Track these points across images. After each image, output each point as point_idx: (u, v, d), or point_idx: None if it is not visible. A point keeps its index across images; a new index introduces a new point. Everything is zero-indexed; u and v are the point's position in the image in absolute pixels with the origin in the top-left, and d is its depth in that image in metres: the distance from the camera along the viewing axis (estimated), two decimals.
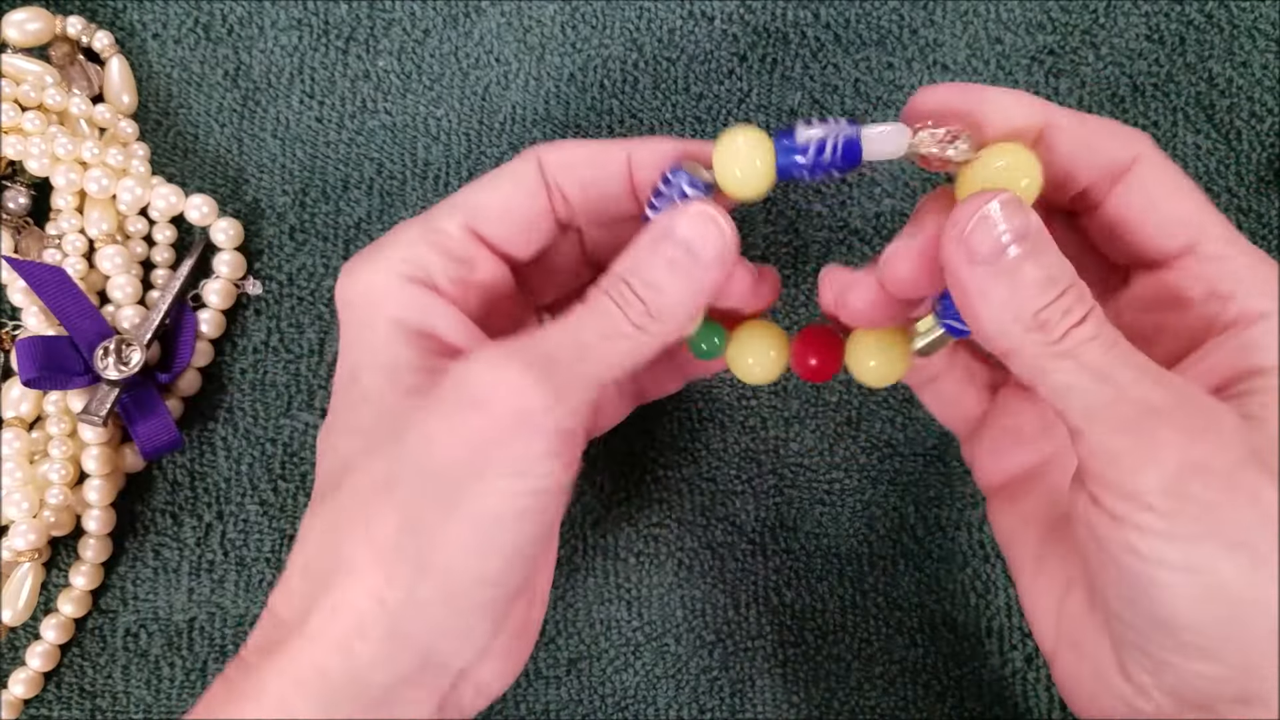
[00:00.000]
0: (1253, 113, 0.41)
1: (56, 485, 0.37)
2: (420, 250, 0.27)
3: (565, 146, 0.29)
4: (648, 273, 0.26)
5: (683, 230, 0.26)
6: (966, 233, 0.24)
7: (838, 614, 0.39)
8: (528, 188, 0.28)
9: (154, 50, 0.41)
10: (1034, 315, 0.24)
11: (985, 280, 0.24)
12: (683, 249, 0.26)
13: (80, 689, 0.38)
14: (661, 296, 0.26)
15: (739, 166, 0.26)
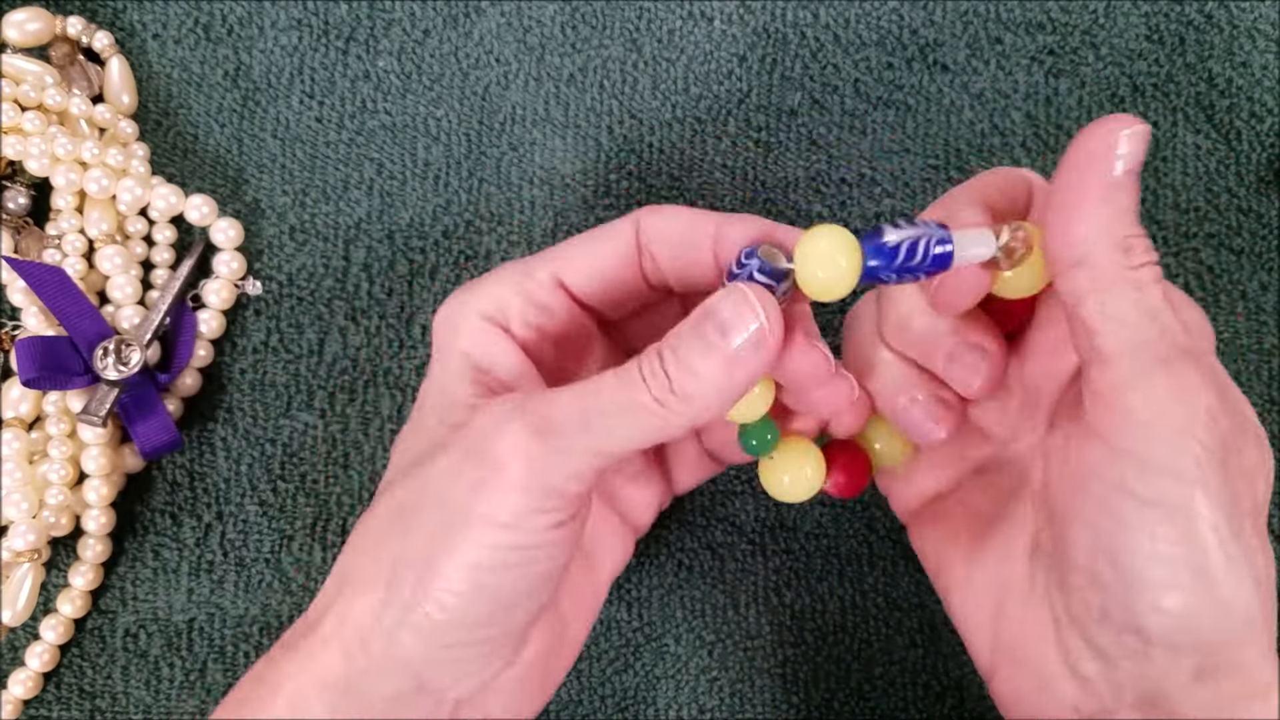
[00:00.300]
0: (1252, 113, 0.41)
1: (56, 485, 0.37)
2: (505, 292, 0.29)
3: (665, 212, 0.29)
4: (683, 350, 0.25)
5: (723, 311, 0.25)
6: (1119, 145, 0.24)
7: (837, 614, 0.39)
8: (620, 247, 0.29)
9: (154, 50, 0.41)
10: (1124, 236, 0.24)
11: (1097, 189, 0.24)
12: (719, 331, 0.25)
13: (80, 689, 0.38)
14: (690, 378, 0.25)
15: (822, 269, 0.26)
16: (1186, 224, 0.40)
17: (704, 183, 0.41)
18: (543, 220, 0.41)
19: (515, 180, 0.41)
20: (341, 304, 0.40)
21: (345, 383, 0.40)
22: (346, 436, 0.39)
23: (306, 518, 0.39)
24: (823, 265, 0.26)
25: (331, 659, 0.27)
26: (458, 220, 0.41)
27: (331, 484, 0.39)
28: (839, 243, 0.25)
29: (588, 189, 0.41)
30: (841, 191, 0.41)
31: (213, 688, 0.38)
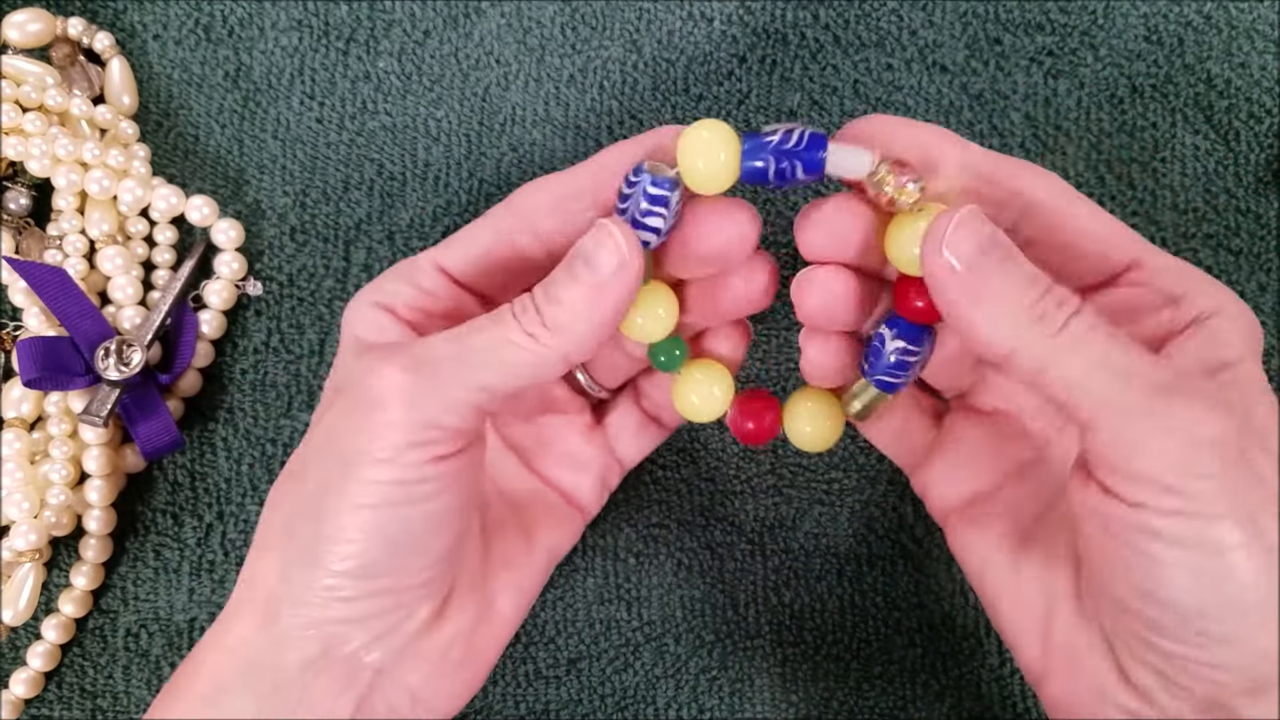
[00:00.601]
0: (1251, 114, 0.41)
1: (57, 485, 0.37)
2: (394, 283, 0.30)
3: (531, 189, 0.29)
4: (551, 286, 0.27)
5: (585, 245, 0.27)
6: (947, 239, 0.25)
7: (836, 614, 0.39)
8: (495, 229, 0.30)
9: (155, 51, 0.42)
10: (1030, 307, 0.24)
11: (975, 282, 0.24)
12: (583, 262, 0.26)
13: (81, 689, 0.38)
14: (559, 310, 0.26)
15: (702, 159, 0.27)
16: (1185, 225, 0.41)
17: None
18: None
19: (515, 181, 0.41)
20: (342, 304, 0.40)
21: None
22: None
23: None
24: (702, 155, 0.26)
25: (244, 629, 0.27)
26: (458, 221, 0.41)
27: None
28: (719, 134, 0.26)
29: None
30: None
31: None
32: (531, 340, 0.26)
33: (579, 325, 0.26)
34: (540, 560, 0.33)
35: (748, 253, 0.29)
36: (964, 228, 0.25)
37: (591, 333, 0.27)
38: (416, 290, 0.30)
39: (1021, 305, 0.24)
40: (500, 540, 0.32)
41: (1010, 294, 0.24)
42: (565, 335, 0.26)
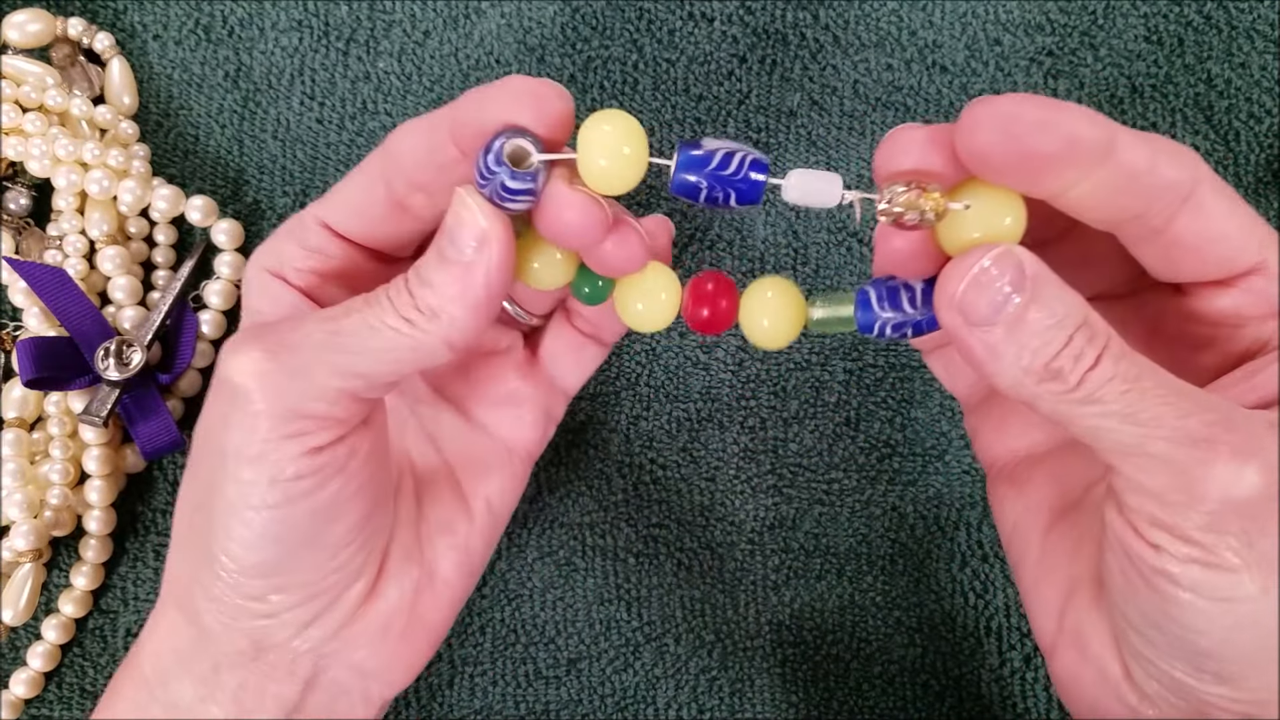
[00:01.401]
0: (1251, 114, 0.41)
1: (57, 485, 0.37)
2: (283, 243, 0.28)
3: (403, 131, 0.27)
4: (423, 268, 0.25)
5: (448, 222, 0.25)
6: (959, 297, 0.23)
7: (836, 613, 0.39)
8: (368, 177, 0.28)
9: (155, 51, 0.42)
10: (1045, 366, 0.23)
11: (989, 340, 0.23)
12: (448, 241, 0.24)
13: (81, 689, 0.38)
14: (429, 292, 0.24)
15: (604, 155, 0.24)
16: None
17: None
18: None
19: None
20: None
21: None
22: None
23: None
24: (605, 152, 0.24)
25: (172, 623, 0.27)
26: None
27: None
28: (626, 129, 0.24)
29: None
30: None
31: None
32: (409, 325, 0.25)
33: (453, 308, 0.24)
34: (482, 518, 0.31)
35: (603, 234, 0.25)
36: (976, 287, 0.23)
37: (469, 315, 0.25)
38: (304, 250, 0.28)
39: (1035, 365, 0.23)
40: (435, 503, 0.31)
41: (1025, 353, 0.23)
42: (442, 320, 0.25)
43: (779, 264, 0.40)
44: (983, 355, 0.23)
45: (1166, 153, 0.24)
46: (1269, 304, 0.25)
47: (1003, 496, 0.30)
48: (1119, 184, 0.24)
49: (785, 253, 0.40)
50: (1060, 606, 0.28)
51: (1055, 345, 0.23)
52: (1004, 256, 0.23)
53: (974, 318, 0.23)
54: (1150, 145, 0.24)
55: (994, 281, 0.23)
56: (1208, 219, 0.25)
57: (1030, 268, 0.23)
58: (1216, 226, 0.25)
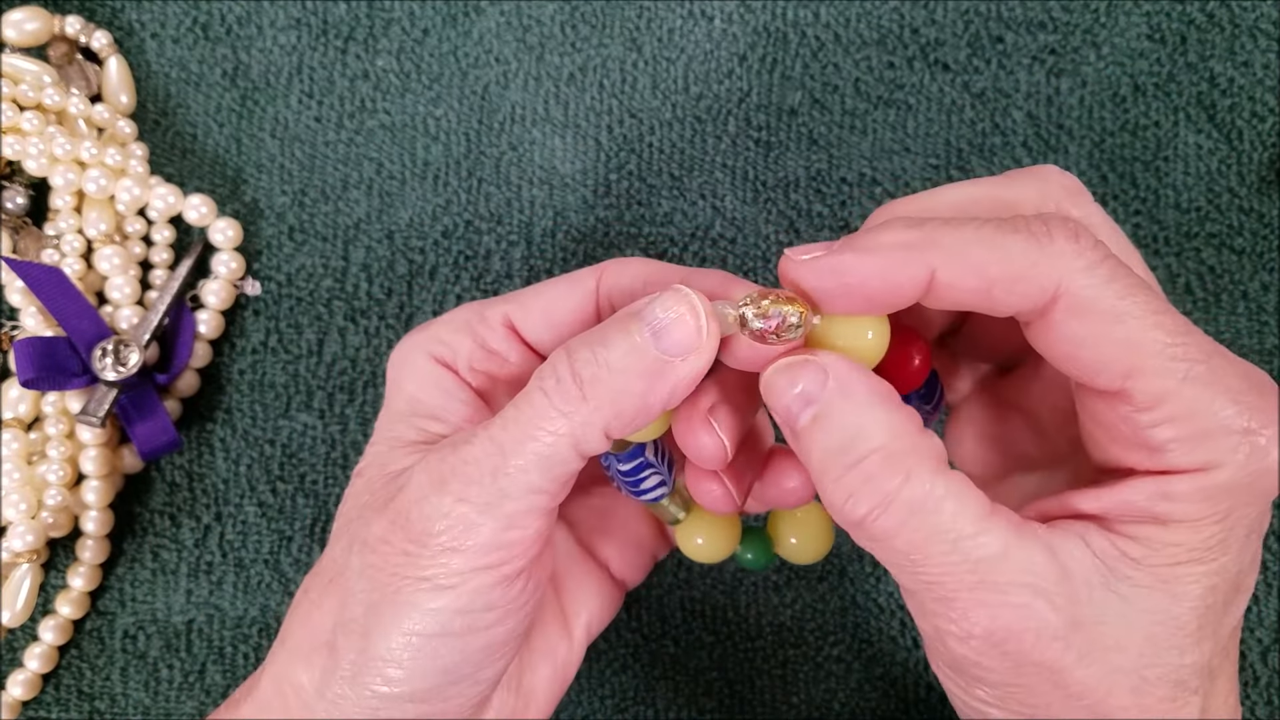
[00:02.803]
0: (1254, 112, 0.41)
1: (55, 486, 0.37)
2: (456, 335, 0.27)
3: (630, 264, 0.27)
4: (598, 345, 0.23)
5: (652, 307, 0.23)
6: (770, 394, 0.23)
7: (838, 614, 0.39)
8: (577, 296, 0.27)
9: (152, 50, 0.41)
10: (837, 481, 0.22)
11: (797, 442, 0.23)
12: (651, 332, 0.23)
13: (78, 691, 0.38)
14: (610, 377, 0.23)
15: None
16: (1188, 224, 0.40)
17: (704, 182, 0.41)
18: (542, 220, 0.40)
19: (515, 180, 0.41)
20: (341, 304, 0.40)
21: (344, 383, 0.40)
22: (345, 437, 0.39)
23: (305, 518, 0.39)
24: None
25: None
26: (457, 220, 0.40)
27: (330, 485, 0.39)
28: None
29: (588, 189, 0.41)
30: (842, 191, 0.41)
31: (211, 689, 0.38)
32: (567, 420, 0.23)
33: (625, 399, 0.23)
34: (580, 647, 0.30)
35: None
36: (769, 389, 0.23)
37: (639, 413, 0.23)
38: (482, 350, 0.27)
39: (838, 483, 0.22)
40: (541, 629, 0.29)
41: (827, 465, 0.22)
42: (608, 408, 0.23)
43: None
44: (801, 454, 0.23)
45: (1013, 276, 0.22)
46: (1135, 432, 0.22)
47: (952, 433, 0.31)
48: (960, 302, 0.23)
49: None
50: None
51: (848, 460, 0.22)
52: (796, 366, 0.23)
53: (781, 416, 0.23)
54: (987, 268, 0.22)
55: (787, 389, 0.23)
56: (1066, 339, 0.22)
57: (831, 385, 0.22)
58: (1075, 347, 0.22)
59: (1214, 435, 0.21)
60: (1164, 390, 0.22)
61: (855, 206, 0.40)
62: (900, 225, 0.22)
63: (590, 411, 0.23)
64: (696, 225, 0.41)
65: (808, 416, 0.22)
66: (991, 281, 0.22)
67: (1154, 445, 0.22)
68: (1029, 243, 0.22)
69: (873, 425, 0.22)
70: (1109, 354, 0.22)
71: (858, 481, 0.22)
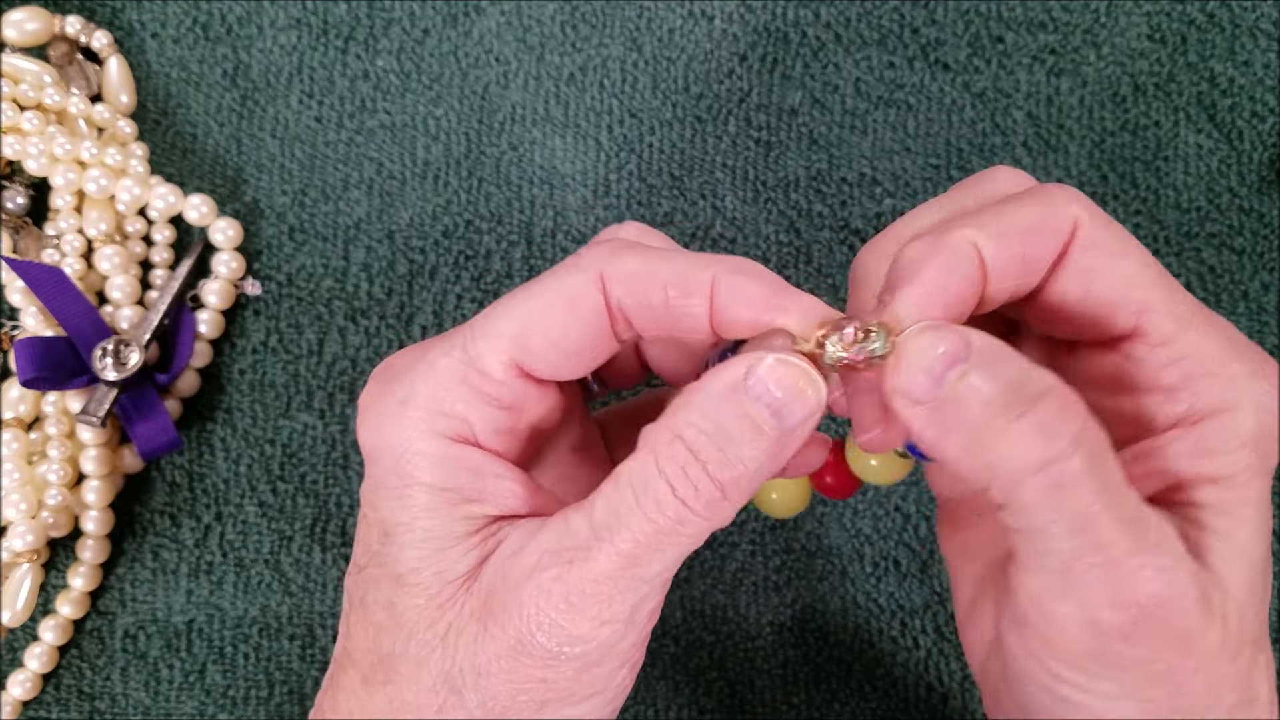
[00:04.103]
0: (1254, 112, 0.41)
1: (55, 486, 0.37)
2: (456, 396, 0.23)
3: (629, 260, 0.24)
4: (725, 442, 0.21)
5: (772, 387, 0.21)
6: (895, 379, 0.21)
7: (839, 614, 0.39)
8: (586, 310, 0.23)
9: (152, 50, 0.41)
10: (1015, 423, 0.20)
11: (933, 420, 0.21)
12: (768, 411, 0.21)
13: (79, 691, 0.38)
14: (744, 470, 0.21)
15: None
16: (1188, 223, 0.40)
17: (704, 182, 0.41)
18: (542, 220, 0.40)
19: (515, 180, 0.41)
20: (341, 304, 0.40)
21: (345, 383, 0.40)
22: (346, 437, 0.39)
23: (306, 518, 0.39)
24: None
25: None
26: (457, 220, 0.40)
27: (331, 485, 0.39)
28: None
29: (587, 189, 0.41)
30: (842, 191, 0.41)
31: (212, 689, 0.38)
32: (703, 520, 0.21)
33: (758, 480, 0.22)
34: None
35: None
36: (907, 360, 0.21)
37: (766, 479, 0.22)
38: (495, 409, 0.24)
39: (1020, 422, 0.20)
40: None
41: (995, 414, 0.20)
42: (742, 494, 0.22)
43: (781, 262, 0.40)
44: (934, 441, 0.21)
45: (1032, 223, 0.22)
46: (1149, 374, 0.23)
47: (944, 529, 0.29)
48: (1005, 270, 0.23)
49: (787, 251, 0.40)
50: (984, 654, 0.27)
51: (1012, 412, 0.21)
52: (934, 329, 0.21)
53: (913, 396, 0.21)
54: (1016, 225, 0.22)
55: (929, 350, 0.21)
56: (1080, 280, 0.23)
57: (976, 341, 0.21)
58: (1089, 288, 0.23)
59: (1228, 375, 0.22)
60: (1173, 330, 0.22)
61: (855, 206, 0.40)
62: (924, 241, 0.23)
63: (730, 506, 0.22)
64: (696, 225, 0.40)
65: (956, 374, 0.21)
66: (1024, 237, 0.22)
67: (1172, 385, 0.22)
68: (1037, 199, 0.23)
69: (1033, 369, 0.21)
70: (1121, 288, 0.22)
71: (1048, 416, 0.20)
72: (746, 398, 0.21)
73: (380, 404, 0.23)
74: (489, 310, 0.24)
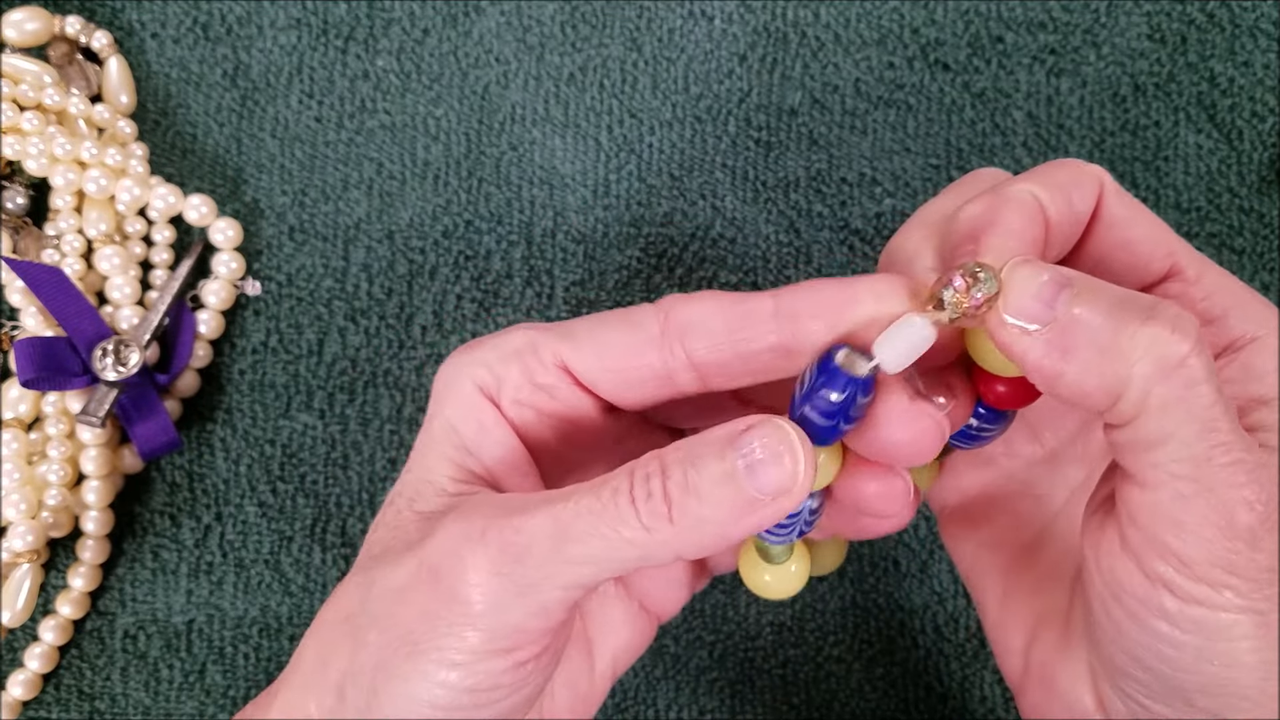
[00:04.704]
0: (1254, 112, 0.41)
1: (55, 486, 0.37)
2: (504, 362, 0.25)
3: (698, 302, 0.24)
4: (694, 473, 0.22)
5: (752, 442, 0.22)
6: (1007, 308, 0.22)
7: (838, 614, 0.39)
8: (638, 341, 0.24)
9: (152, 50, 0.41)
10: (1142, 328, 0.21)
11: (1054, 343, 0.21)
12: (744, 464, 0.21)
13: (79, 691, 0.38)
14: (695, 502, 0.22)
15: None
16: (1188, 224, 0.40)
17: (704, 182, 0.41)
18: (542, 220, 0.40)
19: (515, 180, 0.41)
20: (341, 304, 0.40)
21: (345, 383, 0.40)
22: (346, 437, 0.39)
23: (306, 519, 0.39)
24: None
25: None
26: (457, 220, 0.40)
27: (331, 485, 0.39)
28: None
29: (587, 189, 0.41)
30: (842, 191, 0.41)
31: (212, 689, 0.38)
32: (647, 534, 0.22)
33: (709, 528, 0.22)
34: (603, 680, 0.28)
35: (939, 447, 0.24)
36: (1020, 284, 0.22)
37: (719, 542, 0.22)
38: (529, 384, 0.25)
39: (1144, 328, 0.21)
40: (564, 664, 0.28)
41: (1118, 321, 0.21)
42: (690, 534, 0.22)
43: (781, 262, 0.40)
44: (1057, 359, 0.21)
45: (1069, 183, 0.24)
46: (1191, 309, 0.24)
47: (957, 536, 0.29)
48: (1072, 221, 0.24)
49: (788, 251, 0.40)
50: (1025, 644, 0.27)
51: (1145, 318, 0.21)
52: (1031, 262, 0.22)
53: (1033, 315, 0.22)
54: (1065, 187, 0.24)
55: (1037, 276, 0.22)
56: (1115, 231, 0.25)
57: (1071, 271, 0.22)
58: (1125, 236, 0.25)
59: (1253, 305, 0.24)
60: (1199, 270, 0.25)
61: (855, 206, 0.40)
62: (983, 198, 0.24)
63: (672, 535, 0.22)
64: (696, 225, 0.41)
65: (1067, 297, 0.21)
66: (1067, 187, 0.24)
67: (1211, 317, 0.24)
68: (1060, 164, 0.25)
69: (1130, 290, 0.22)
70: (1154, 234, 0.25)
71: (1172, 317, 0.21)
72: (731, 447, 0.22)
73: (454, 354, 0.26)
74: (576, 320, 0.26)
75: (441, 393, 0.26)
